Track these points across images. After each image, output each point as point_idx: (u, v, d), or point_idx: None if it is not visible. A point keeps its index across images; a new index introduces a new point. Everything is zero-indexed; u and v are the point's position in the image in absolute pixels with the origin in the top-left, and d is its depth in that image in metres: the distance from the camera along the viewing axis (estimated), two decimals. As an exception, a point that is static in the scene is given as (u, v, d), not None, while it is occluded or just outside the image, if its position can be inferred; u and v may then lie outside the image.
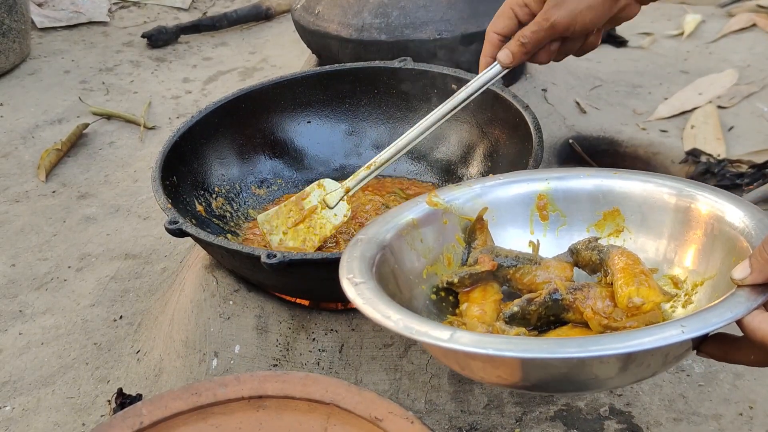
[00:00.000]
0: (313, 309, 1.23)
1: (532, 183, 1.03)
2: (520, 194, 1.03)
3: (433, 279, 0.98)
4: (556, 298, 0.88)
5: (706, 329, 0.71)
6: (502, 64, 1.20)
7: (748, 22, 2.45)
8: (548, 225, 1.02)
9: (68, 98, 2.39)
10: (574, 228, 1.01)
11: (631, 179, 0.99)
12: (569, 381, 0.79)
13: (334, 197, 1.30)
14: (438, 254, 1.00)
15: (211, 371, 1.24)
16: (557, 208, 1.02)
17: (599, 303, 0.88)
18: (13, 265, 1.69)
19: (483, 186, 1.04)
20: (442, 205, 1.02)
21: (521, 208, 1.03)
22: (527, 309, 0.89)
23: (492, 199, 1.03)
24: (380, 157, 1.26)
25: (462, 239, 1.02)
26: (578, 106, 1.98)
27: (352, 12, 1.71)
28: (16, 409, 1.34)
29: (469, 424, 1.17)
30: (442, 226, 1.02)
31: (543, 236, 1.02)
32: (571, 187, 1.02)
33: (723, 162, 1.75)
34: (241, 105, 1.46)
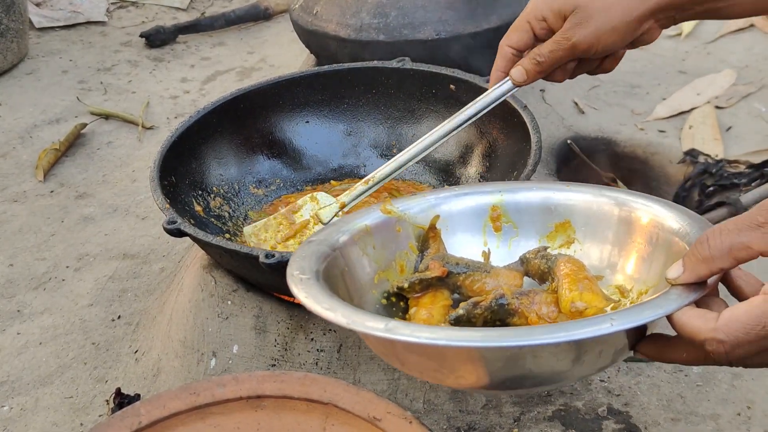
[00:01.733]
0: (312, 309, 1.23)
1: (486, 195, 1.04)
2: (473, 206, 1.04)
3: (384, 285, 0.99)
4: (501, 302, 0.89)
5: (636, 323, 0.72)
6: (515, 82, 1.17)
7: (746, 22, 2.45)
8: (501, 236, 1.04)
9: (66, 98, 2.38)
10: (526, 239, 1.02)
11: (580, 192, 1.00)
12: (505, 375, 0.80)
13: (327, 212, 1.23)
14: (390, 261, 1.01)
15: (209, 371, 1.24)
16: (510, 219, 1.03)
17: (544, 308, 0.89)
18: (11, 265, 1.69)
19: (437, 197, 1.05)
20: (396, 213, 1.03)
21: (475, 219, 1.04)
22: (473, 312, 0.89)
23: (446, 209, 1.04)
24: (379, 172, 1.22)
25: (415, 247, 1.03)
26: (576, 107, 1.99)
27: (351, 12, 1.71)
28: (14, 409, 1.34)
29: (468, 423, 1.17)
30: (395, 233, 1.02)
31: (496, 247, 1.03)
32: (524, 199, 1.03)
33: (721, 162, 1.76)
34: (239, 105, 1.46)
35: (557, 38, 1.12)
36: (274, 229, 1.27)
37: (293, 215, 1.27)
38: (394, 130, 1.52)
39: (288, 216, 1.27)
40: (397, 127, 1.51)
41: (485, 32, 1.67)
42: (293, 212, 1.28)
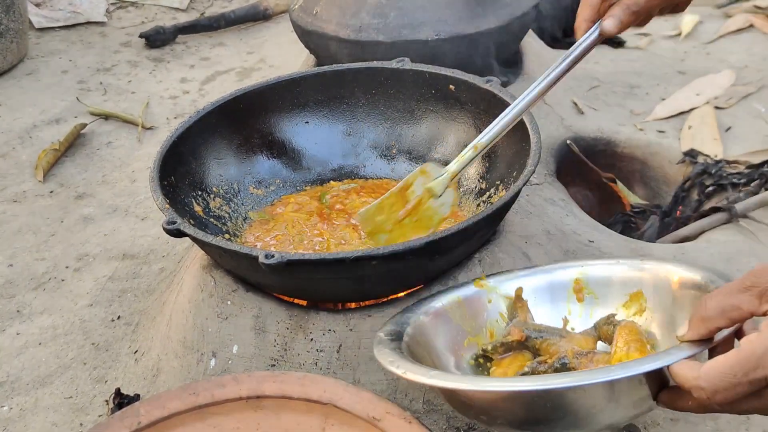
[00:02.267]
0: (311, 309, 1.23)
1: (570, 269, 1.17)
2: (558, 279, 1.17)
3: (473, 348, 1.12)
4: (563, 362, 1.00)
5: (631, 372, 0.81)
6: (606, 33, 1.12)
7: (746, 22, 2.45)
8: (584, 306, 1.15)
9: (66, 98, 2.38)
10: (605, 308, 1.13)
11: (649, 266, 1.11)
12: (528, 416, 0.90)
13: (439, 185, 1.20)
14: (481, 328, 1.14)
15: (209, 371, 1.24)
16: (591, 291, 1.15)
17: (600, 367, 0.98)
18: (10, 265, 1.69)
19: (526, 273, 1.19)
20: (487, 286, 1.17)
21: (560, 290, 1.16)
22: (537, 370, 1.01)
23: (534, 282, 1.17)
24: (485, 137, 1.19)
25: (505, 316, 1.15)
26: (576, 107, 1.99)
27: (350, 12, 1.71)
28: (13, 410, 1.34)
29: (467, 424, 1.17)
30: (486, 304, 1.16)
31: (579, 316, 1.15)
32: (602, 272, 1.15)
33: (720, 162, 1.76)
34: (239, 105, 1.46)
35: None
36: (389, 209, 1.21)
37: (406, 192, 1.21)
38: (394, 131, 1.52)
39: (401, 194, 1.21)
40: (396, 128, 1.51)
41: (484, 33, 1.68)
42: (405, 189, 1.21)
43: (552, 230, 1.44)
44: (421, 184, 1.21)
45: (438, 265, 1.20)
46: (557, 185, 1.68)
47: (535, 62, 1.98)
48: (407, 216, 1.21)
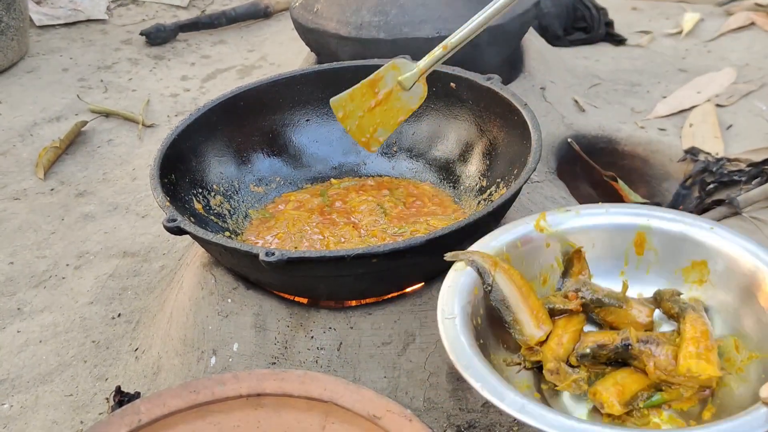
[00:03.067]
0: (312, 307, 1.23)
1: (635, 218, 1.11)
2: (621, 226, 1.12)
3: None
4: (627, 344, 0.98)
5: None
6: None
7: (747, 20, 2.45)
8: (641, 260, 1.11)
9: (66, 96, 2.38)
10: (664, 268, 1.09)
11: (724, 238, 1.05)
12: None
13: (409, 79, 1.27)
14: (536, 273, 1.10)
15: (209, 369, 1.24)
16: (652, 246, 1.10)
17: (662, 357, 0.97)
18: (11, 263, 1.69)
19: (589, 213, 1.13)
20: (548, 230, 1.12)
21: (620, 240, 1.11)
22: (598, 353, 1.00)
23: (595, 226, 1.12)
24: (455, 36, 1.23)
25: (561, 262, 1.12)
26: (577, 105, 1.99)
27: (351, 10, 1.71)
28: (14, 407, 1.34)
29: (468, 422, 1.17)
30: (544, 248, 1.11)
31: (635, 269, 1.11)
32: (669, 229, 1.09)
33: (721, 160, 1.75)
34: (239, 103, 1.46)
35: None
36: (359, 99, 1.29)
37: (377, 83, 1.28)
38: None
39: (372, 85, 1.28)
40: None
41: (485, 30, 1.67)
42: (376, 81, 1.28)
43: (553, 228, 1.44)
44: (392, 78, 1.28)
45: (439, 262, 1.20)
46: (558, 183, 1.68)
47: (536, 60, 1.98)
48: (378, 105, 1.28)
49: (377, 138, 1.34)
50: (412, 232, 1.33)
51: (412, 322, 1.20)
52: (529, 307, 1.04)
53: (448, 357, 1.07)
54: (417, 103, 1.29)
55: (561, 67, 2.10)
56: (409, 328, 1.19)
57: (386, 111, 1.29)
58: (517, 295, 1.03)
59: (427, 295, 1.21)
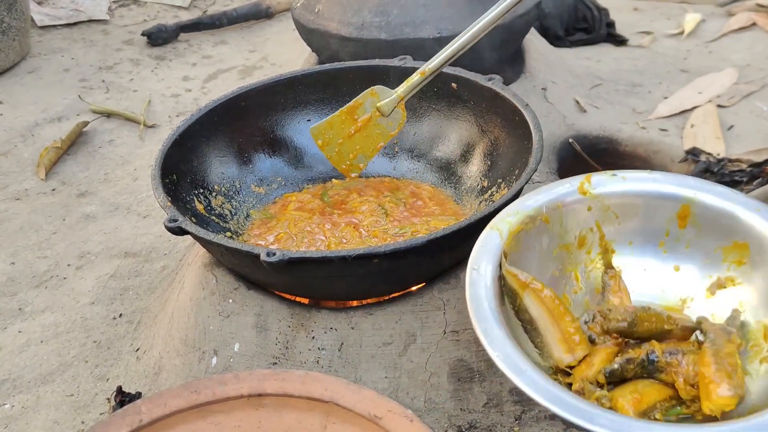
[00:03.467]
0: (313, 307, 1.23)
1: (682, 189, 1.08)
2: (667, 196, 1.09)
3: (562, 257, 1.08)
4: (652, 359, 0.96)
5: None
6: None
7: (748, 21, 2.45)
8: (683, 234, 1.08)
9: (68, 96, 2.39)
10: (704, 244, 1.07)
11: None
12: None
13: (388, 105, 1.30)
14: (574, 235, 1.09)
15: (210, 369, 1.24)
16: (696, 221, 1.07)
17: (690, 371, 0.95)
18: (12, 263, 1.69)
19: (635, 179, 1.10)
20: (591, 193, 1.09)
21: (664, 210, 1.09)
22: (626, 367, 0.97)
23: (640, 192, 1.09)
24: (433, 63, 1.27)
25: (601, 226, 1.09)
26: (578, 105, 1.98)
27: (352, 10, 1.71)
28: (15, 407, 1.34)
29: (469, 422, 1.17)
30: (585, 210, 1.09)
31: (675, 241, 1.08)
32: (715, 204, 1.06)
33: (722, 161, 1.75)
34: (240, 103, 1.46)
35: None
36: (339, 126, 1.32)
37: (356, 110, 1.31)
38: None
39: (351, 112, 1.31)
40: (398, 126, 1.51)
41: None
42: (354, 108, 1.31)
43: (554, 228, 1.44)
44: (371, 104, 1.31)
45: (440, 263, 1.20)
46: (559, 183, 1.68)
47: (537, 60, 1.98)
48: (357, 132, 1.31)
49: (357, 164, 1.37)
50: (413, 232, 1.33)
51: (413, 323, 1.20)
52: (560, 331, 1.00)
53: (449, 356, 1.08)
54: (396, 129, 1.33)
55: (562, 68, 2.10)
56: (410, 328, 1.19)
57: (366, 137, 1.32)
58: (546, 317, 1.01)
59: (428, 296, 1.21)
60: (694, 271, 1.08)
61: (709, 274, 1.06)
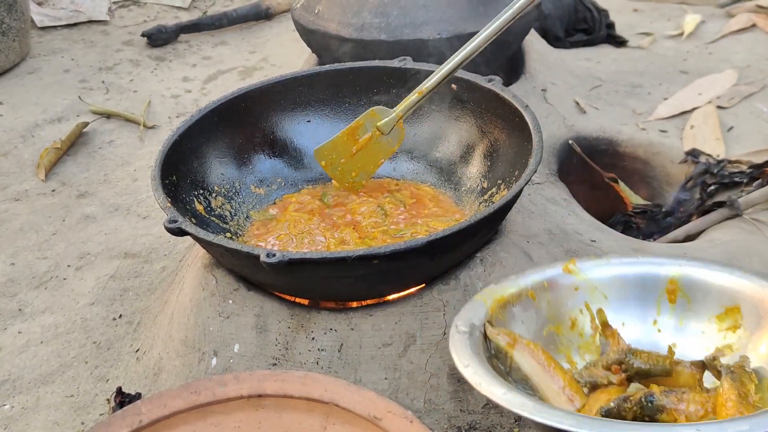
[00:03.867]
0: (313, 308, 1.23)
1: (667, 266, 1.11)
2: (652, 274, 1.12)
3: (553, 338, 1.08)
4: (650, 399, 0.95)
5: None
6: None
7: (748, 22, 2.45)
8: (675, 308, 1.10)
9: (68, 97, 2.39)
10: (698, 316, 1.08)
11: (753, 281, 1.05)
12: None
13: (388, 124, 1.35)
14: (564, 316, 1.10)
15: (210, 370, 1.24)
16: (686, 294, 1.10)
17: (692, 407, 0.94)
18: (12, 264, 1.69)
19: (620, 261, 1.14)
20: (576, 272, 1.12)
21: (652, 287, 1.11)
22: (623, 406, 0.96)
23: (625, 274, 1.12)
24: (429, 82, 1.31)
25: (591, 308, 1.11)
26: (578, 106, 1.99)
27: (352, 11, 1.71)
28: (15, 408, 1.34)
29: (468, 423, 1.17)
30: (572, 291, 1.11)
31: (668, 318, 1.10)
32: (701, 277, 1.09)
33: (722, 162, 1.75)
34: (240, 104, 1.46)
35: None
36: (341, 147, 1.37)
37: (357, 131, 1.36)
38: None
39: (352, 133, 1.36)
40: (398, 127, 1.51)
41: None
42: (355, 129, 1.36)
43: (554, 230, 1.44)
44: (371, 124, 1.37)
45: (440, 264, 1.20)
46: (559, 184, 1.68)
47: (537, 61, 1.98)
48: (359, 150, 1.36)
49: (360, 181, 1.41)
50: (413, 233, 1.33)
51: (413, 324, 1.20)
52: (556, 383, 1.01)
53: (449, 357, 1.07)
54: (396, 145, 1.38)
55: (562, 69, 2.10)
56: (410, 329, 1.20)
57: (367, 155, 1.37)
58: (540, 371, 1.02)
59: (428, 297, 1.21)
60: (691, 346, 1.08)
61: (706, 346, 1.07)
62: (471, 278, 1.22)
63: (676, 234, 1.65)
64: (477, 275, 1.22)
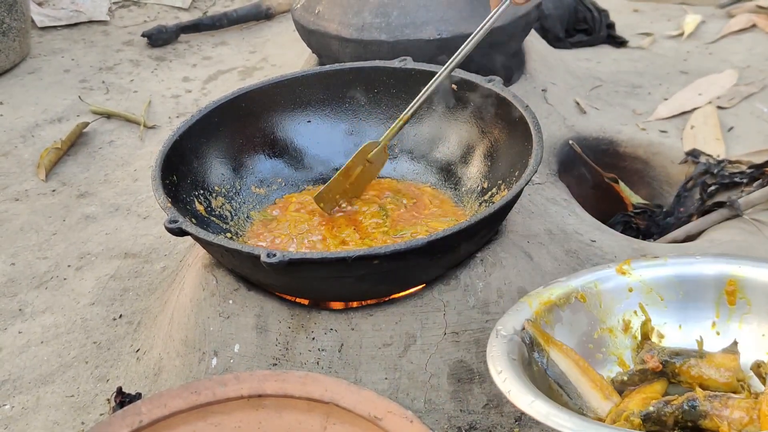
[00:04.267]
0: (313, 308, 1.23)
1: (725, 266, 1.07)
2: (710, 275, 1.08)
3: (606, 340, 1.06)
4: (693, 404, 0.92)
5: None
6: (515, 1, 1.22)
7: (748, 22, 2.45)
8: (734, 310, 1.06)
9: (68, 97, 2.39)
10: (758, 318, 1.04)
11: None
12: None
13: (376, 155, 1.39)
14: (618, 318, 1.07)
15: (210, 370, 1.24)
16: (745, 295, 1.05)
17: (736, 414, 0.91)
18: (12, 264, 1.69)
19: (676, 262, 1.10)
20: (630, 273, 1.09)
21: (711, 289, 1.07)
22: (663, 411, 0.93)
23: (682, 274, 1.08)
24: (408, 112, 1.35)
25: (646, 309, 1.08)
26: (578, 107, 1.99)
27: (353, 12, 1.71)
28: (15, 408, 1.34)
29: (468, 423, 1.17)
30: (626, 292, 1.08)
31: (727, 321, 1.06)
32: (763, 278, 1.05)
33: (722, 162, 1.75)
34: (241, 104, 1.46)
35: None
36: (337, 187, 1.39)
37: (351, 170, 1.39)
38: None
39: (346, 172, 1.39)
40: (398, 127, 1.51)
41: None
42: (350, 168, 1.39)
43: (554, 230, 1.44)
44: (362, 159, 1.39)
45: (440, 264, 1.20)
46: (559, 185, 1.68)
47: (537, 62, 1.99)
48: (351, 184, 1.40)
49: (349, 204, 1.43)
50: (413, 234, 1.33)
51: (413, 324, 1.20)
52: (591, 380, 1.00)
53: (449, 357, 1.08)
54: (380, 169, 1.42)
55: (562, 69, 2.10)
56: (410, 329, 1.20)
57: (356, 184, 1.41)
58: (575, 369, 1.01)
59: (428, 297, 1.21)
60: (750, 349, 1.04)
61: (766, 350, 1.03)
62: (471, 278, 1.22)
63: (676, 234, 1.65)
64: (477, 275, 1.22)
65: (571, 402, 1.00)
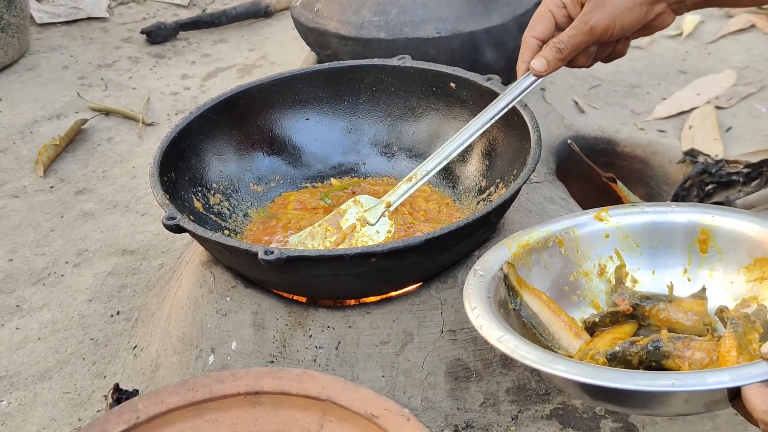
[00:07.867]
0: (310, 306, 1.23)
1: (699, 215, 1.11)
2: (684, 224, 1.11)
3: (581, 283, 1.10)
4: (657, 345, 0.96)
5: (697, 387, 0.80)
6: (536, 72, 1.20)
7: (747, 23, 2.45)
8: (705, 259, 1.10)
9: (67, 94, 2.38)
10: (727, 266, 1.08)
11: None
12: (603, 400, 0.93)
13: (374, 213, 1.28)
14: (593, 263, 1.12)
15: (207, 367, 1.24)
16: (717, 244, 1.09)
17: (697, 354, 0.94)
18: (10, 260, 1.69)
19: (653, 210, 1.13)
20: (608, 220, 1.12)
21: (683, 237, 1.11)
22: (628, 350, 0.97)
23: (657, 222, 1.12)
24: (420, 169, 1.26)
25: (621, 255, 1.12)
26: (577, 106, 1.99)
27: (352, 9, 1.71)
28: (12, 404, 1.34)
29: (465, 421, 1.18)
30: (602, 238, 1.12)
31: (698, 268, 1.10)
32: (732, 227, 1.08)
33: (720, 162, 1.76)
34: (239, 102, 1.46)
35: (576, 23, 1.16)
36: (321, 236, 1.28)
37: (339, 220, 1.28)
38: (394, 128, 1.52)
39: (333, 221, 1.29)
40: (397, 125, 1.51)
41: (486, 30, 1.67)
42: (339, 216, 1.29)
43: (552, 229, 1.44)
44: (356, 213, 1.28)
45: (437, 262, 1.20)
46: (557, 184, 1.68)
47: (536, 61, 1.98)
48: (341, 242, 1.27)
49: None
50: (411, 231, 1.33)
51: (411, 322, 1.20)
52: (562, 321, 1.04)
53: (446, 355, 1.08)
54: (384, 237, 1.26)
55: (561, 69, 2.10)
56: (408, 327, 1.20)
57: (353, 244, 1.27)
58: (546, 311, 1.04)
59: (426, 295, 1.21)
60: (718, 296, 1.07)
61: (733, 297, 1.07)
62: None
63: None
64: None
65: (543, 341, 1.04)
